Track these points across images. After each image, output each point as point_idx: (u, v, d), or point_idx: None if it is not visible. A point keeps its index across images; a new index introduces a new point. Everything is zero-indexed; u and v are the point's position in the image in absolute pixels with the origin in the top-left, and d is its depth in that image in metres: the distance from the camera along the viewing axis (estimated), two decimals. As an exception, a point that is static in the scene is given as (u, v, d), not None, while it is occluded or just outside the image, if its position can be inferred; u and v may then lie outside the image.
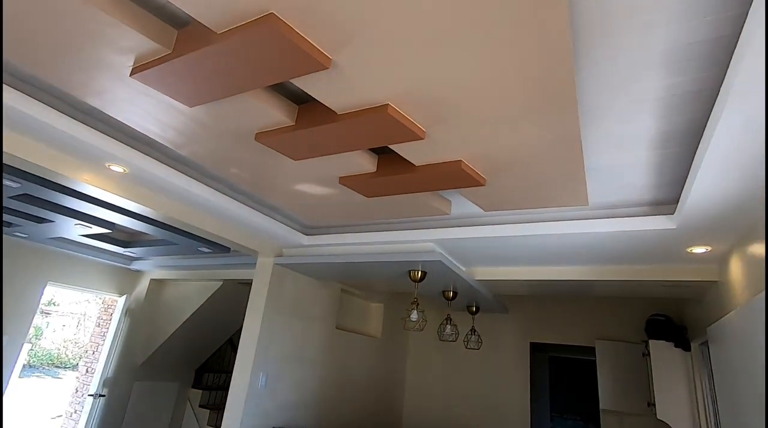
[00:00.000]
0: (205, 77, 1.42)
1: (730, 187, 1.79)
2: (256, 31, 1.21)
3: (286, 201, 2.65)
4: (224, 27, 1.25)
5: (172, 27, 1.41)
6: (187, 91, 1.53)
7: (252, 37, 1.23)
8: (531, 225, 2.55)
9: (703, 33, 1.26)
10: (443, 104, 1.48)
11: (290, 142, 1.81)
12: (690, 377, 3.61)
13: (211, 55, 1.32)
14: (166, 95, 1.57)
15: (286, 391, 3.66)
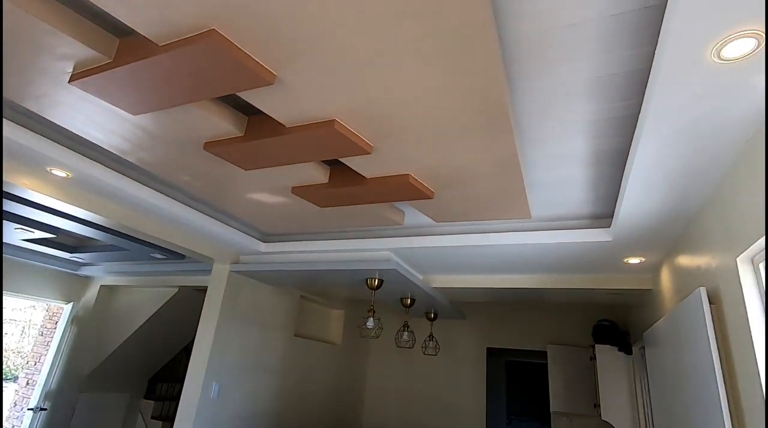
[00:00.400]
0: (148, 87, 1.41)
1: (653, 204, 1.94)
2: (198, 46, 1.22)
3: (241, 209, 2.63)
4: (166, 39, 1.25)
5: (113, 36, 1.39)
6: (130, 100, 1.51)
7: (194, 51, 1.23)
8: (481, 236, 2.65)
9: (622, 66, 1.38)
10: (388, 121, 1.54)
11: (240, 153, 1.81)
12: (631, 379, 3.83)
13: (152, 66, 1.31)
14: (108, 103, 1.54)
15: (242, 401, 3.60)
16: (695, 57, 1.12)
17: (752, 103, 1.27)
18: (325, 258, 3.20)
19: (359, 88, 1.38)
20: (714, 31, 1.03)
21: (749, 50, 1.07)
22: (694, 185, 1.76)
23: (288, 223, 2.80)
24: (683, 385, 2.15)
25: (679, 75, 1.19)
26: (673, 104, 1.30)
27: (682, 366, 2.16)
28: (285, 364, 4.15)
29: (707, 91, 1.23)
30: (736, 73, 1.16)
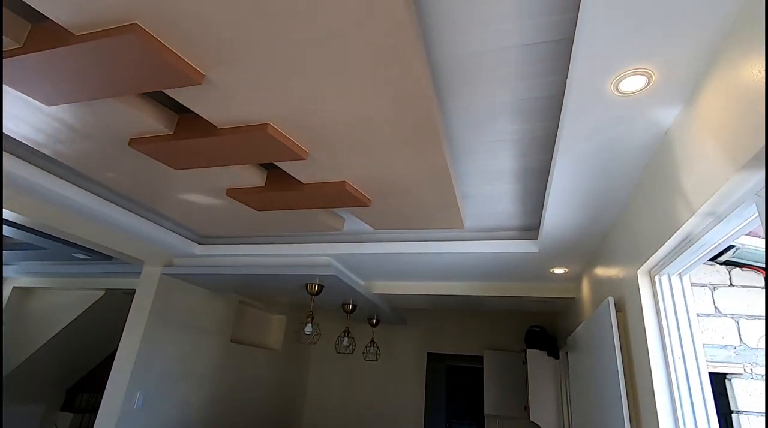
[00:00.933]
0: (62, 77, 1.33)
1: (572, 220, 2.10)
2: (118, 39, 1.16)
3: (173, 209, 2.52)
4: (83, 29, 1.19)
5: (25, 21, 1.30)
6: (43, 90, 1.41)
7: (113, 44, 1.18)
8: (420, 244, 2.72)
9: (542, 91, 1.48)
10: (322, 129, 1.55)
11: (168, 151, 1.74)
12: (558, 382, 4.07)
13: (67, 55, 1.24)
14: (17, 91, 1.43)
15: (169, 411, 3.41)
16: (598, 88, 1.24)
17: (648, 133, 1.42)
18: (264, 263, 3.13)
19: (290, 95, 1.38)
20: (611, 67, 1.15)
21: (642, 86, 1.20)
22: (605, 204, 1.93)
23: (224, 226, 2.72)
24: (595, 386, 2.32)
25: (586, 103, 1.30)
26: (583, 129, 1.43)
27: (595, 369, 2.34)
28: (220, 371, 4.00)
29: (610, 119, 1.36)
30: (633, 106, 1.29)
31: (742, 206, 1.09)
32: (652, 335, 1.65)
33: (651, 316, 1.66)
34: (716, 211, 1.18)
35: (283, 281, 3.25)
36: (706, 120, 1.14)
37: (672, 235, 1.37)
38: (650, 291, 1.69)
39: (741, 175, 1.00)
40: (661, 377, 1.59)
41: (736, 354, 2.36)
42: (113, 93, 1.39)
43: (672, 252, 1.49)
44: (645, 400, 1.68)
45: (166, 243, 3.05)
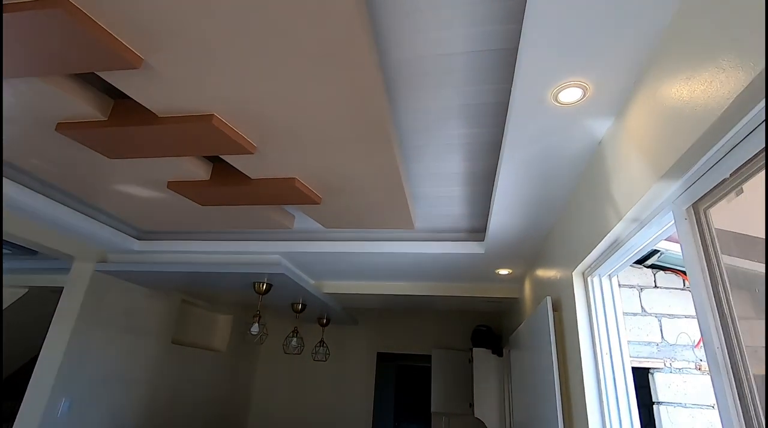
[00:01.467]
0: (-25, 51, 1.20)
1: (515, 223, 2.19)
2: (43, 13, 1.07)
3: (108, 202, 2.35)
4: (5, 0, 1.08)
5: (-69, -17, 1.16)
6: (-48, 63, 1.26)
7: (37, 18, 1.08)
8: (370, 244, 2.72)
9: (489, 97, 1.53)
10: (271, 123, 1.51)
11: (102, 139, 1.62)
12: (501, 379, 4.23)
13: (-19, 27, 1.12)
14: None
15: (100, 418, 3.18)
16: (540, 98, 1.30)
17: (583, 143, 1.51)
18: (209, 260, 3.01)
19: (237, 87, 1.33)
20: (552, 79, 1.21)
21: (578, 98, 1.28)
22: (545, 208, 2.03)
23: (166, 221, 2.58)
24: (533, 381, 2.44)
25: (528, 111, 1.36)
26: (526, 136, 1.49)
27: (533, 365, 2.45)
28: (159, 375, 3.78)
29: (550, 128, 1.43)
30: (571, 116, 1.37)
31: (661, 213, 1.18)
32: (584, 332, 1.75)
33: (583, 315, 1.77)
34: (640, 217, 1.28)
35: (229, 280, 3.13)
36: (633, 132, 1.23)
37: (602, 239, 1.46)
38: (583, 291, 1.80)
39: (660, 185, 1.09)
40: (590, 371, 1.70)
41: (658, 350, 2.57)
42: (38, 72, 1.28)
43: (602, 255, 1.59)
44: (576, 392, 1.79)
45: (99, 237, 2.84)
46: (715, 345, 0.93)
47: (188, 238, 3.00)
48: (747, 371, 0.87)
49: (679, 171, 1.01)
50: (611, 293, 1.74)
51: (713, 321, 0.94)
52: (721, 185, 0.94)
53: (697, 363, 2.53)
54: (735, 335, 0.90)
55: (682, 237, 1.05)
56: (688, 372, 2.50)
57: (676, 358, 2.53)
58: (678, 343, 2.58)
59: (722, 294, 0.94)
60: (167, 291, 3.83)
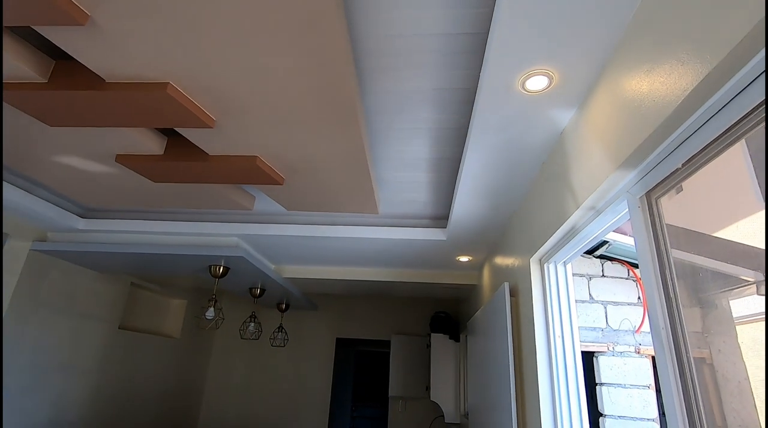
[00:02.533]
0: None
1: (477, 211, 2.23)
2: (-32, -48, 0.94)
3: (47, 174, 2.16)
4: None
5: None
6: None
7: (-39, -42, 0.95)
8: (331, 228, 2.68)
9: (459, 82, 1.53)
10: (232, 96, 1.43)
11: (41, 103, 1.48)
12: (457, 363, 4.36)
13: None
14: None
15: (40, 408, 2.97)
16: (507, 85, 1.31)
17: (546, 131, 1.54)
18: (162, 241, 2.86)
19: (196, 54, 1.24)
20: (520, 65, 1.22)
21: (544, 86, 1.30)
22: (508, 197, 2.08)
23: (114, 198, 2.41)
24: (489, 364, 2.52)
25: (496, 98, 1.37)
26: (492, 123, 1.50)
27: (489, 349, 2.53)
28: (106, 362, 3.59)
29: (516, 115, 1.45)
30: (537, 104, 1.39)
31: (616, 202, 1.23)
32: (539, 317, 1.82)
33: (539, 300, 1.83)
34: (596, 206, 1.33)
35: (184, 262, 3.00)
36: (594, 123, 1.27)
37: (560, 226, 1.51)
38: (540, 277, 1.87)
39: (617, 174, 1.13)
40: (544, 354, 1.77)
41: (603, 335, 2.73)
42: (-38, 21, 1.13)
43: (559, 242, 1.65)
44: (529, 375, 1.86)
45: (37, 214, 2.62)
46: (660, 326, 0.99)
47: (139, 218, 2.83)
48: (688, 352, 0.93)
49: (636, 161, 1.06)
50: (565, 279, 1.81)
51: (658, 298, 1.00)
52: (673, 175, 0.98)
53: (637, 347, 2.70)
54: (678, 316, 0.95)
55: (635, 224, 1.10)
56: (629, 355, 2.67)
57: (619, 342, 2.70)
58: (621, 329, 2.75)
59: (668, 278, 0.99)
60: (115, 273, 3.61)
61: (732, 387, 1.18)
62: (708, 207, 1.44)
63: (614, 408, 2.50)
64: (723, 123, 0.81)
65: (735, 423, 1.12)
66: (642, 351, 2.69)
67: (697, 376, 0.91)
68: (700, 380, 0.92)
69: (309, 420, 4.89)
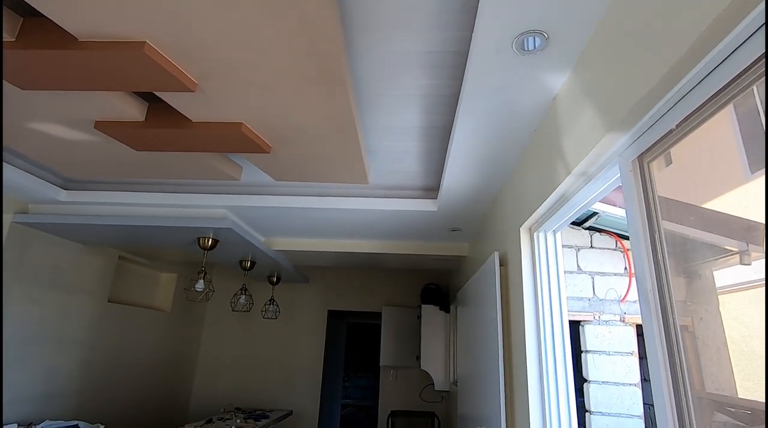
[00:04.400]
0: None
1: (468, 181, 2.21)
2: None
3: (24, 143, 2.08)
4: None
5: None
6: None
7: None
8: (321, 199, 2.65)
9: (451, 45, 1.47)
10: (213, 55, 1.36)
11: (10, 63, 1.40)
12: (447, 333, 4.44)
13: None
14: None
15: (27, 381, 2.98)
16: (500, 46, 1.26)
17: (539, 96, 1.51)
18: (148, 213, 2.80)
19: (174, 10, 1.17)
20: (514, 25, 1.17)
21: (538, 46, 1.25)
22: (499, 166, 2.06)
23: (96, 168, 2.34)
24: (478, 333, 2.56)
25: (488, 60, 1.32)
26: (484, 87, 1.46)
27: (479, 318, 2.57)
28: (95, 335, 3.58)
29: (509, 78, 1.41)
30: (530, 66, 1.35)
31: (607, 166, 1.22)
32: (528, 285, 1.84)
33: (528, 269, 1.84)
34: (587, 171, 1.32)
35: (171, 234, 2.96)
36: (587, 86, 1.24)
37: (551, 194, 1.50)
38: (529, 246, 1.87)
39: (609, 137, 1.11)
40: (532, 323, 1.80)
41: (590, 304, 2.78)
42: None
43: (549, 210, 1.65)
44: (517, 343, 1.89)
45: (17, 185, 2.54)
46: (648, 289, 0.99)
47: (123, 189, 2.76)
48: (675, 318, 0.94)
49: (629, 123, 1.03)
50: (555, 248, 1.82)
51: (647, 261, 1.00)
52: (667, 137, 0.97)
53: (622, 316, 2.77)
54: (666, 282, 0.96)
55: (626, 187, 1.09)
56: (614, 324, 2.73)
57: (604, 311, 2.76)
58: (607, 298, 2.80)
59: (657, 241, 0.99)
60: (101, 246, 3.56)
61: (711, 353, 1.21)
62: (696, 178, 1.44)
63: (598, 374, 2.58)
64: (721, 79, 0.79)
65: (713, 387, 1.15)
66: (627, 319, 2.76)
67: (682, 342, 0.93)
68: (684, 347, 0.93)
69: (301, 389, 5.00)
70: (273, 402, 4.96)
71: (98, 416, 3.61)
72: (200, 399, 5.02)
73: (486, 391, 2.23)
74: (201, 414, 4.93)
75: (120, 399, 3.91)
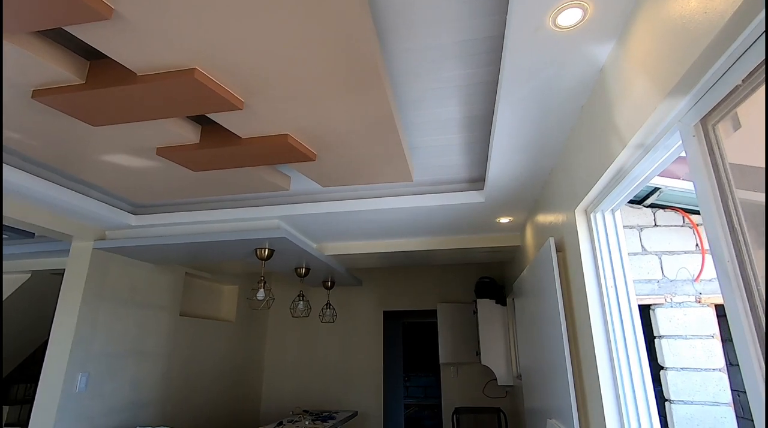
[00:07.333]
0: (-69, 9, 1.11)
1: (515, 168, 2.15)
2: (-4, -41, 0.98)
3: (98, 175, 2.29)
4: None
5: None
6: None
7: (-9, -35, 0.99)
8: (367, 201, 2.69)
9: (484, 31, 1.45)
10: (255, 74, 1.44)
11: (82, 104, 1.55)
12: (506, 327, 4.34)
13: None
14: None
15: (118, 391, 3.26)
16: (537, 24, 1.23)
17: (584, 71, 1.45)
18: (208, 230, 2.98)
19: (217, 34, 1.25)
20: (548, 1, 1.13)
21: (578, 20, 1.21)
22: (546, 149, 1.99)
23: (160, 192, 2.53)
24: (539, 324, 2.49)
25: (526, 40, 1.29)
26: (523, 69, 1.43)
27: (538, 308, 2.50)
28: (170, 347, 3.86)
29: (549, 57, 1.37)
30: (571, 42, 1.31)
31: (667, 135, 1.15)
32: (589, 270, 1.76)
33: (587, 251, 1.77)
34: (645, 142, 1.24)
35: (230, 248, 3.13)
36: (637, 53, 1.17)
37: (606, 170, 1.44)
38: (586, 228, 1.80)
39: (666, 103, 1.05)
40: (597, 307, 1.72)
41: (659, 286, 2.61)
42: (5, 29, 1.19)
43: (605, 189, 1.57)
44: (583, 330, 1.82)
45: (95, 215, 2.80)
46: (725, 259, 0.92)
47: (184, 209, 2.96)
48: (762, 295, 0.87)
49: (687, 85, 0.97)
50: (614, 227, 1.73)
51: (721, 232, 0.93)
52: (733, 94, 0.90)
53: (697, 297, 2.57)
54: (744, 243, 0.89)
55: (690, 155, 1.02)
56: (688, 305, 2.55)
57: (677, 293, 2.58)
58: (678, 278, 2.61)
59: (731, 205, 0.92)
60: (169, 264, 3.83)
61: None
62: None
63: (676, 360, 2.41)
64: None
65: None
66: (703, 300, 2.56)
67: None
68: None
69: (364, 390, 5.08)
70: (337, 403, 5.08)
71: (180, 423, 3.88)
72: (269, 403, 5.25)
73: (554, 383, 2.16)
74: (271, 418, 5.15)
75: (197, 406, 4.17)
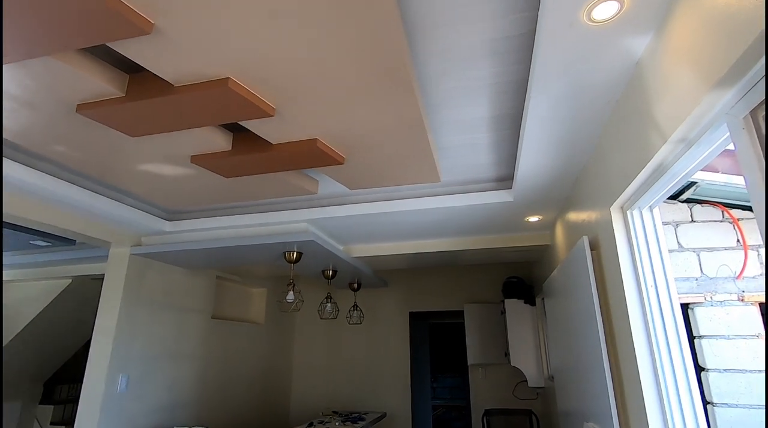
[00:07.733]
0: (-13, 33, 1.18)
1: (545, 165, 2.11)
2: (47, -18, 1.03)
3: (135, 184, 2.38)
4: (3, -28, 1.04)
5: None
6: (-33, 49, 1.25)
7: (42, -11, 1.04)
8: (395, 202, 2.69)
9: (515, 28, 1.43)
10: (287, 81, 1.46)
11: (122, 116, 1.61)
12: (535, 327, 4.26)
13: (-11, 5, 1.09)
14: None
15: (157, 391, 3.37)
16: (571, 19, 1.20)
17: (619, 65, 1.41)
18: (238, 234, 3.05)
19: (249, 44, 1.28)
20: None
21: (614, 13, 1.18)
22: (578, 145, 1.95)
23: (193, 198, 2.60)
24: (572, 324, 2.43)
25: (558, 36, 1.27)
26: (556, 65, 1.40)
27: (571, 308, 2.44)
28: (204, 349, 3.96)
29: (582, 53, 1.34)
30: (606, 35, 1.27)
31: (712, 128, 1.10)
32: (626, 267, 1.71)
33: (624, 249, 1.72)
34: (688, 136, 1.20)
35: (260, 251, 3.19)
36: (678, 44, 1.13)
37: (644, 166, 1.39)
38: (623, 225, 1.75)
39: (712, 95, 1.01)
40: (636, 307, 1.67)
41: (698, 284, 2.51)
42: (50, 50, 1.25)
43: (644, 185, 1.52)
44: (621, 329, 1.77)
45: (131, 221, 2.90)
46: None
47: (216, 215, 3.04)
48: None
49: (736, 76, 0.93)
50: (653, 225, 1.68)
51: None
52: (787, 84, 0.85)
53: (740, 295, 2.46)
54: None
55: (740, 148, 0.98)
56: (730, 304, 2.44)
57: (718, 291, 2.47)
58: (719, 276, 2.51)
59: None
60: (202, 268, 3.94)
61: None
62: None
63: (718, 361, 2.31)
64: None
65: None
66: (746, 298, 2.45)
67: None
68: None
69: (392, 392, 5.08)
70: (365, 405, 5.10)
71: (215, 423, 3.97)
72: (299, 404, 5.31)
73: (590, 385, 2.10)
74: (302, 418, 5.21)
75: (231, 407, 4.27)
